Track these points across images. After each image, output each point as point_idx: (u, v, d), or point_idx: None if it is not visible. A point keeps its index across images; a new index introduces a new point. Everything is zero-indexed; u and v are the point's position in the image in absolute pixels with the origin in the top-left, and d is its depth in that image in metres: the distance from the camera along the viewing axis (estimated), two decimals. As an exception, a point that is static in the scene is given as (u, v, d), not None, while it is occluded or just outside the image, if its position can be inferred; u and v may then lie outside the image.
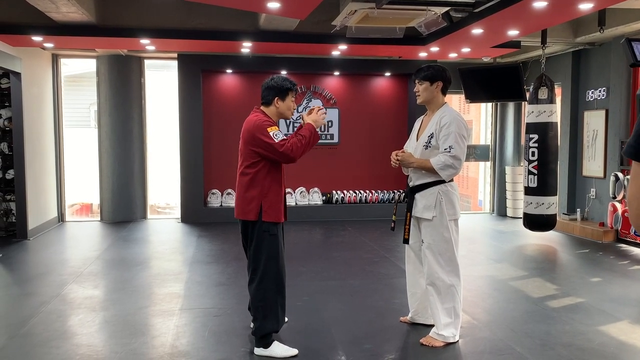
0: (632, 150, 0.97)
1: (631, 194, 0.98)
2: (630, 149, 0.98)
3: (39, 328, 4.03)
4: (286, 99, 3.61)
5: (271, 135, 3.43)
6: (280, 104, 3.61)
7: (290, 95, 3.63)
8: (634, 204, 0.98)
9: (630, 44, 4.36)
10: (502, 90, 8.14)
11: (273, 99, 3.60)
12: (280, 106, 3.61)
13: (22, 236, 7.41)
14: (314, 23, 6.84)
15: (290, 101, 3.64)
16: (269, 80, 3.64)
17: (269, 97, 3.61)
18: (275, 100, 3.60)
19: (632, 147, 0.97)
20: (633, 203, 0.98)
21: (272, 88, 3.60)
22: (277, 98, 3.60)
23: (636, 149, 0.96)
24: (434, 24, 5.90)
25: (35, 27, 6.54)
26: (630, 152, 0.98)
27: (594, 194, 7.93)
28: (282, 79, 3.63)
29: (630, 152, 0.98)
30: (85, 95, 11.09)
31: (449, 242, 3.66)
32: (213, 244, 7.18)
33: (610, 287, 5.18)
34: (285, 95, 3.61)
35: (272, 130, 3.46)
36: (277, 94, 3.60)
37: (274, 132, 3.45)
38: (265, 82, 3.66)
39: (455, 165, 3.60)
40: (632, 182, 0.98)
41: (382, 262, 6.15)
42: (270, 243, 3.50)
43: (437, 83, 3.75)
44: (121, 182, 8.86)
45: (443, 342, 3.66)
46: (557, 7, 5.24)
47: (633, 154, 0.97)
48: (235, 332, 3.93)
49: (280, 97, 3.60)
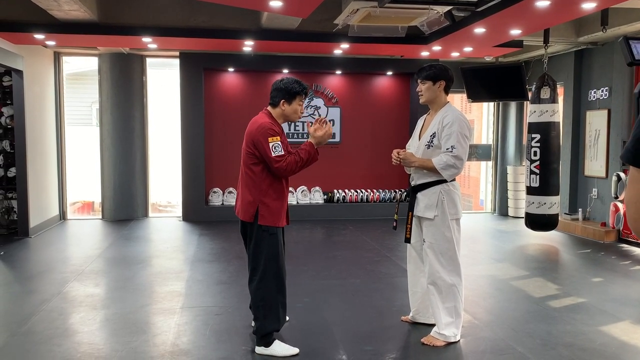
0: (629, 155, 0.97)
1: (628, 198, 0.98)
2: (628, 153, 0.97)
3: (40, 326, 4.03)
4: (293, 103, 3.54)
5: (270, 147, 3.38)
6: (286, 106, 3.54)
7: (298, 99, 3.55)
8: (631, 208, 0.97)
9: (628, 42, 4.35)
10: (504, 89, 8.13)
11: (279, 101, 3.54)
12: (286, 109, 3.55)
13: (23, 234, 7.42)
14: (316, 22, 6.84)
15: (298, 105, 3.56)
16: (278, 81, 3.57)
17: (276, 99, 3.55)
18: (281, 102, 3.53)
19: (630, 152, 0.97)
20: (631, 207, 0.97)
21: (280, 90, 3.54)
22: (284, 100, 3.53)
23: (633, 153, 0.96)
24: (436, 23, 5.89)
25: (38, 25, 6.54)
26: (628, 157, 0.97)
27: (595, 193, 7.92)
28: (291, 82, 3.54)
29: (628, 157, 0.97)
30: (87, 94, 11.10)
31: (451, 241, 3.66)
32: (214, 243, 7.18)
33: (611, 287, 5.17)
34: (293, 98, 3.53)
35: (272, 141, 3.39)
36: (284, 96, 3.53)
37: (274, 144, 3.38)
38: (275, 82, 3.59)
39: (457, 165, 3.59)
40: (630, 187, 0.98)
41: (384, 261, 6.14)
42: (270, 242, 3.48)
43: (440, 82, 3.74)
44: (122, 180, 8.87)
45: (444, 341, 3.66)
46: (560, 7, 5.23)
47: (630, 158, 0.96)
48: (236, 331, 3.93)
49: (286, 100, 3.53)
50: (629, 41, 4.34)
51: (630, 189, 0.97)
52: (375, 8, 5.35)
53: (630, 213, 0.97)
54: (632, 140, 0.97)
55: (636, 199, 0.95)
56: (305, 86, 3.61)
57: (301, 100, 3.58)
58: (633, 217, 0.97)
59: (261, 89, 8.80)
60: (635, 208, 0.96)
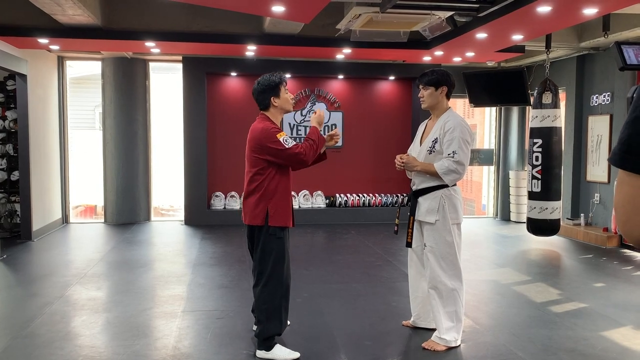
0: (616, 158, 0.96)
1: (617, 202, 0.98)
2: (615, 156, 0.97)
3: (43, 329, 4.05)
4: (280, 94, 3.59)
5: (281, 142, 3.43)
6: (277, 101, 3.59)
7: (283, 88, 3.61)
8: (620, 211, 0.98)
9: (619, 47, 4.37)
10: (506, 94, 8.14)
11: (269, 100, 3.58)
12: (278, 103, 3.60)
13: (26, 237, 7.44)
14: (318, 27, 6.87)
15: (285, 93, 3.63)
16: (256, 85, 3.62)
17: (265, 101, 3.60)
18: (271, 100, 3.58)
19: (617, 155, 0.96)
20: (619, 210, 0.98)
21: (263, 91, 3.58)
22: (273, 97, 3.58)
23: (621, 156, 0.96)
24: (438, 28, 5.90)
25: (41, 29, 6.58)
26: (615, 159, 0.97)
27: (597, 199, 7.91)
28: (267, 79, 3.59)
29: (615, 159, 0.97)
30: (90, 98, 11.15)
31: (452, 245, 3.66)
32: (216, 247, 7.19)
33: (613, 293, 5.17)
34: (278, 90, 3.59)
35: (281, 136, 3.45)
36: (270, 93, 3.58)
37: (284, 138, 3.45)
38: (254, 88, 3.63)
39: (459, 170, 3.60)
40: (618, 190, 0.98)
41: (385, 265, 6.15)
42: (277, 246, 3.51)
43: (442, 88, 3.75)
44: (125, 184, 8.89)
45: (445, 346, 3.66)
46: (562, 12, 5.24)
47: (618, 161, 0.96)
48: (237, 335, 3.94)
49: (274, 94, 3.58)
50: (621, 46, 4.37)
51: (619, 192, 0.97)
52: (377, 13, 5.37)
53: (619, 216, 0.98)
54: (618, 143, 0.97)
55: (624, 202, 0.96)
56: (281, 74, 3.67)
57: (285, 88, 3.65)
58: (622, 220, 0.97)
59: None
60: (624, 211, 0.96)
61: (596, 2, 4.89)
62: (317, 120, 3.67)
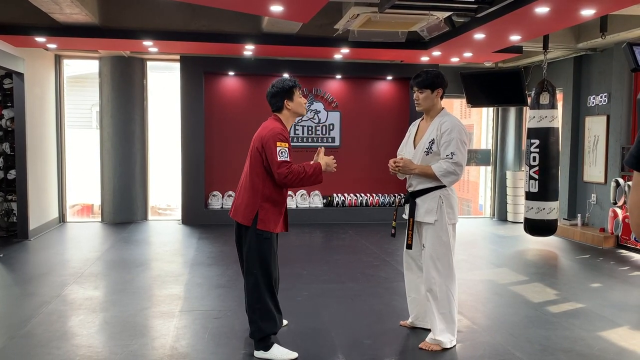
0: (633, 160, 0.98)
1: (632, 203, 0.99)
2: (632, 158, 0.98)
3: (40, 329, 4.04)
4: (294, 97, 3.63)
5: (277, 150, 3.43)
6: (290, 104, 3.62)
7: (297, 92, 3.64)
8: (635, 212, 0.98)
9: (631, 48, 4.37)
10: (504, 95, 8.15)
11: (282, 102, 3.61)
12: (291, 106, 3.63)
13: (23, 236, 7.42)
14: (316, 26, 6.87)
15: (299, 97, 3.66)
16: (270, 88, 3.65)
17: (278, 104, 3.63)
18: (285, 103, 3.61)
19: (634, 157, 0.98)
20: (634, 212, 0.99)
21: (277, 93, 3.61)
22: (286, 100, 3.61)
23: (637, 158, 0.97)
24: (436, 28, 5.92)
25: (39, 27, 6.56)
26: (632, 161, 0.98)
27: (594, 199, 7.93)
28: (282, 81, 3.64)
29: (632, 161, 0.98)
30: (87, 96, 11.14)
31: (447, 246, 3.66)
32: (213, 246, 7.18)
33: (610, 293, 5.18)
34: (292, 94, 3.62)
35: (280, 146, 3.44)
36: (284, 96, 3.61)
37: (281, 149, 3.43)
38: (268, 91, 3.66)
39: (457, 171, 3.60)
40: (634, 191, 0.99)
41: (383, 265, 6.15)
42: (264, 247, 3.52)
43: (438, 90, 3.76)
44: (122, 183, 8.88)
45: (441, 347, 3.67)
46: (559, 13, 5.25)
47: (634, 163, 0.98)
48: (235, 335, 3.93)
49: (288, 97, 3.61)
50: (633, 47, 4.36)
51: (634, 193, 0.98)
52: (375, 13, 5.38)
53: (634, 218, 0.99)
54: (636, 145, 0.99)
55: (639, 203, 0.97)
56: (295, 79, 3.72)
57: (299, 92, 3.67)
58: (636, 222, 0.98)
59: (261, 93, 8.71)
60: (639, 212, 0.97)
61: (594, 3, 4.90)
62: (327, 164, 3.60)
